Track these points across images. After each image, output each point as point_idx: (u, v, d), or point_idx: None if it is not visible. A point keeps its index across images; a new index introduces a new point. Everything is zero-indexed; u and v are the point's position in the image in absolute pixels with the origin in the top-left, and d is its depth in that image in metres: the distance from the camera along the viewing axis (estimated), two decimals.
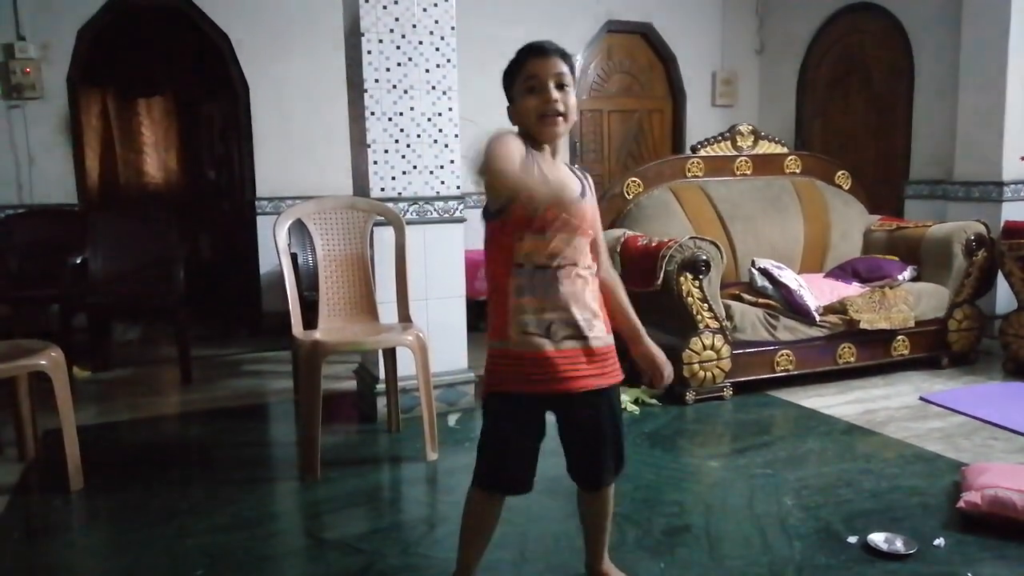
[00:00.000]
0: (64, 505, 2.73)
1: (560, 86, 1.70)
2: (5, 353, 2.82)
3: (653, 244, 3.72)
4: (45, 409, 3.09)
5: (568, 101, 1.71)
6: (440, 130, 3.46)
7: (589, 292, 1.78)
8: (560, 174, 1.77)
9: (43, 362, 2.80)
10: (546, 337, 1.72)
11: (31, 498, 2.84)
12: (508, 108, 1.79)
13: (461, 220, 3.57)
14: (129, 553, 2.35)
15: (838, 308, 3.89)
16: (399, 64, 3.35)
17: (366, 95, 3.32)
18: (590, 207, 1.79)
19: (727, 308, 3.72)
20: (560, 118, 1.70)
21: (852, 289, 4.05)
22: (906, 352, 4.07)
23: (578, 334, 1.75)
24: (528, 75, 1.70)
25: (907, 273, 4.19)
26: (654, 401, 3.68)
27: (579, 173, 1.84)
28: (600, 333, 1.79)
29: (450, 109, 3.46)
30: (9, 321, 4.07)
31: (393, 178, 3.40)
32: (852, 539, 2.31)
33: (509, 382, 1.76)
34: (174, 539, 2.43)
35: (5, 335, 3.41)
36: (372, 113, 3.34)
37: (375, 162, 3.37)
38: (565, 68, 1.71)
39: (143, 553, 2.34)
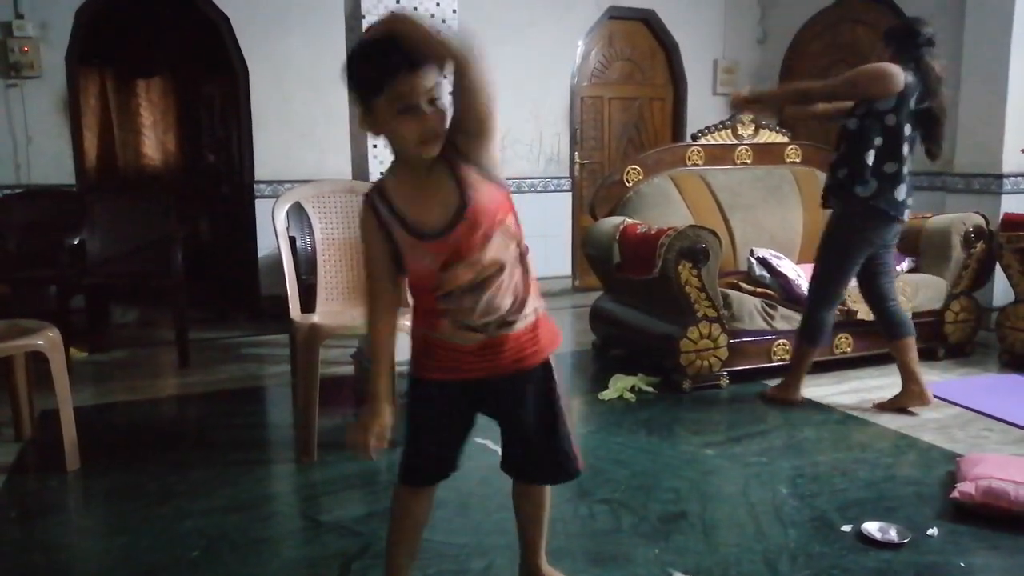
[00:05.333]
0: (60, 485, 2.74)
1: (432, 101, 1.52)
2: (2, 332, 2.82)
3: (652, 232, 3.71)
4: (42, 389, 3.09)
5: (444, 114, 1.53)
6: None
7: (513, 283, 1.66)
8: (442, 195, 1.58)
9: (40, 342, 2.79)
10: (480, 332, 1.65)
11: (27, 478, 2.85)
12: (362, 118, 1.57)
13: None
14: (125, 533, 2.36)
15: None
16: None
17: None
18: (476, 217, 1.57)
19: (725, 297, 3.72)
20: (440, 136, 1.54)
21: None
22: None
23: (506, 321, 1.67)
24: (398, 96, 1.48)
25: (905, 264, 4.19)
26: (650, 389, 3.68)
27: (461, 173, 1.58)
28: (528, 311, 1.69)
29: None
30: (7, 301, 4.05)
31: (392, 162, 3.39)
32: (846, 528, 2.32)
33: (437, 370, 1.70)
34: (170, 520, 2.43)
35: (3, 315, 3.40)
36: None
37: (374, 146, 3.36)
38: (436, 77, 1.51)
39: (139, 534, 2.35)
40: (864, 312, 3.86)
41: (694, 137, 4.58)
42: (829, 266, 3.28)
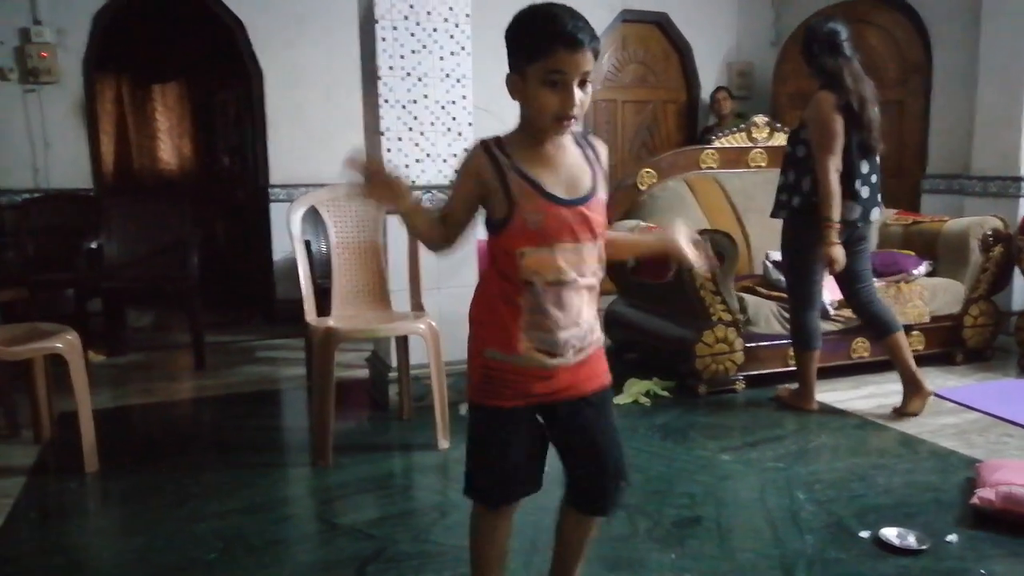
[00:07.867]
0: (79, 487, 2.76)
1: (583, 83, 1.52)
2: (22, 336, 2.85)
3: None
4: (61, 392, 3.11)
5: (586, 99, 1.54)
6: (454, 118, 3.45)
7: (593, 301, 1.67)
8: (569, 169, 1.60)
9: (59, 345, 2.82)
10: (559, 356, 1.62)
11: (47, 479, 2.87)
12: (509, 77, 1.56)
13: None
14: (143, 535, 2.38)
15: None
16: (413, 51, 3.35)
17: (380, 82, 3.32)
18: (597, 206, 1.61)
19: (740, 301, 3.71)
20: (575, 119, 1.55)
21: None
22: (920, 347, 4.04)
23: (583, 347, 1.66)
24: (553, 69, 1.49)
25: (923, 268, 4.16)
26: (666, 393, 3.67)
27: (589, 152, 1.65)
28: (598, 335, 1.70)
29: (464, 97, 3.45)
30: (25, 304, 4.09)
31: (407, 166, 3.40)
32: (864, 533, 2.30)
33: (508, 397, 1.64)
34: (187, 522, 2.45)
35: (22, 318, 3.43)
36: (386, 101, 3.33)
37: (388, 150, 3.37)
38: (592, 62, 1.52)
39: (156, 535, 2.37)
40: None
41: (703, 135, 4.55)
42: (787, 270, 3.48)
